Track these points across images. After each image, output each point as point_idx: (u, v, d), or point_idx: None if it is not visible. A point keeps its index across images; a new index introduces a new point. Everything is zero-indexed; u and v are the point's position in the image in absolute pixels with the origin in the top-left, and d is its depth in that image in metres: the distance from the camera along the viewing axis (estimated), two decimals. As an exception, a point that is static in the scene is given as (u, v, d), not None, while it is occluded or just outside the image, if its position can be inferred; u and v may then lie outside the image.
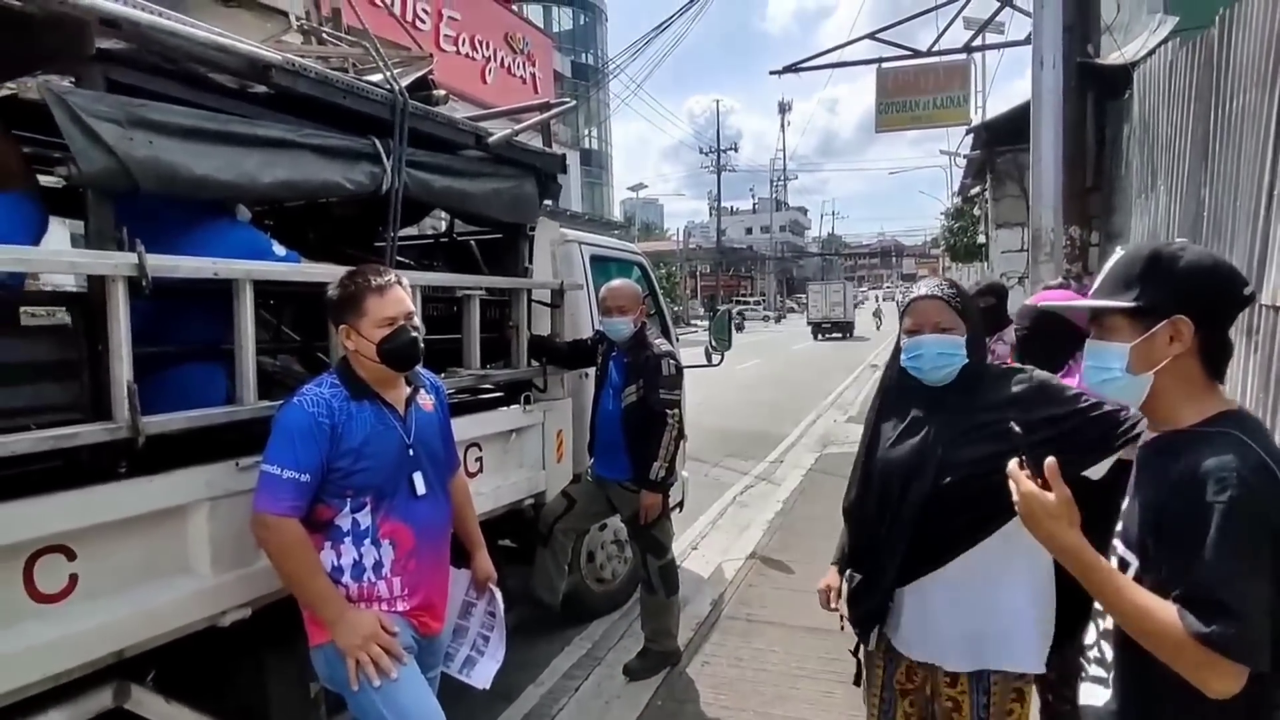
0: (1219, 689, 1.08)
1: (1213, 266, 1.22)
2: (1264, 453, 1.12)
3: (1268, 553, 1.08)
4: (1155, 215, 4.83)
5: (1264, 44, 3.28)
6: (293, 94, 2.23)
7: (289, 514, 1.78)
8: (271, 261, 2.24)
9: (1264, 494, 1.08)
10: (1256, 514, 1.07)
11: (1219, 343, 1.21)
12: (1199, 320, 1.19)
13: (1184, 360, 1.20)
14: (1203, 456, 1.13)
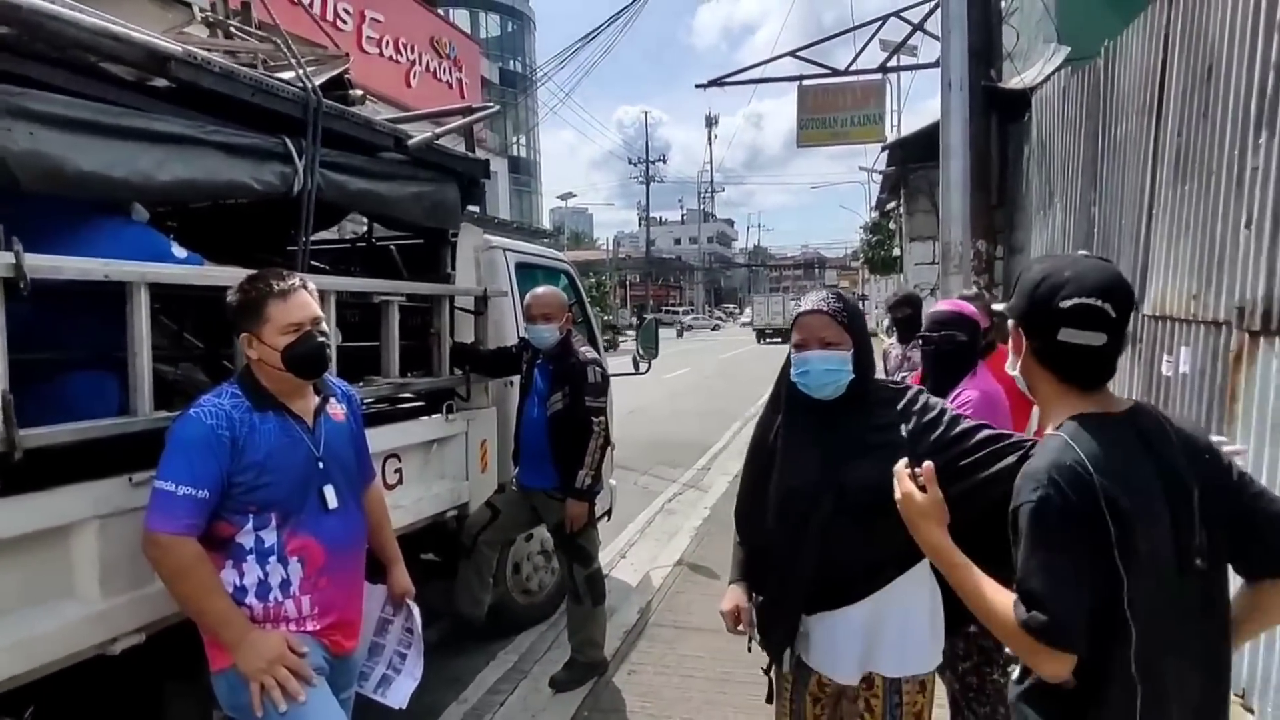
0: (1050, 672, 1.15)
1: (1035, 279, 1.28)
2: (1085, 454, 1.17)
3: (1075, 544, 1.14)
4: (1052, 231, 5.16)
5: (1143, 75, 3.56)
6: (196, 89, 2.12)
7: (185, 533, 1.68)
8: (171, 264, 2.12)
9: (1070, 491, 1.15)
10: (1061, 511, 1.14)
11: (1057, 349, 1.25)
12: (1026, 329, 1.29)
13: (1031, 364, 1.30)
14: (1034, 460, 1.23)
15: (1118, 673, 1.16)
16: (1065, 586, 1.13)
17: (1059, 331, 1.23)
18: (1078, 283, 1.23)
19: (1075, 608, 1.13)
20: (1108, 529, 1.14)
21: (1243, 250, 2.62)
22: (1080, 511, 1.14)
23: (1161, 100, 3.37)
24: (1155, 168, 3.42)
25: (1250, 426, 2.54)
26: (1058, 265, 1.28)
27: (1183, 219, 3.13)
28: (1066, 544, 1.14)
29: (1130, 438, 1.22)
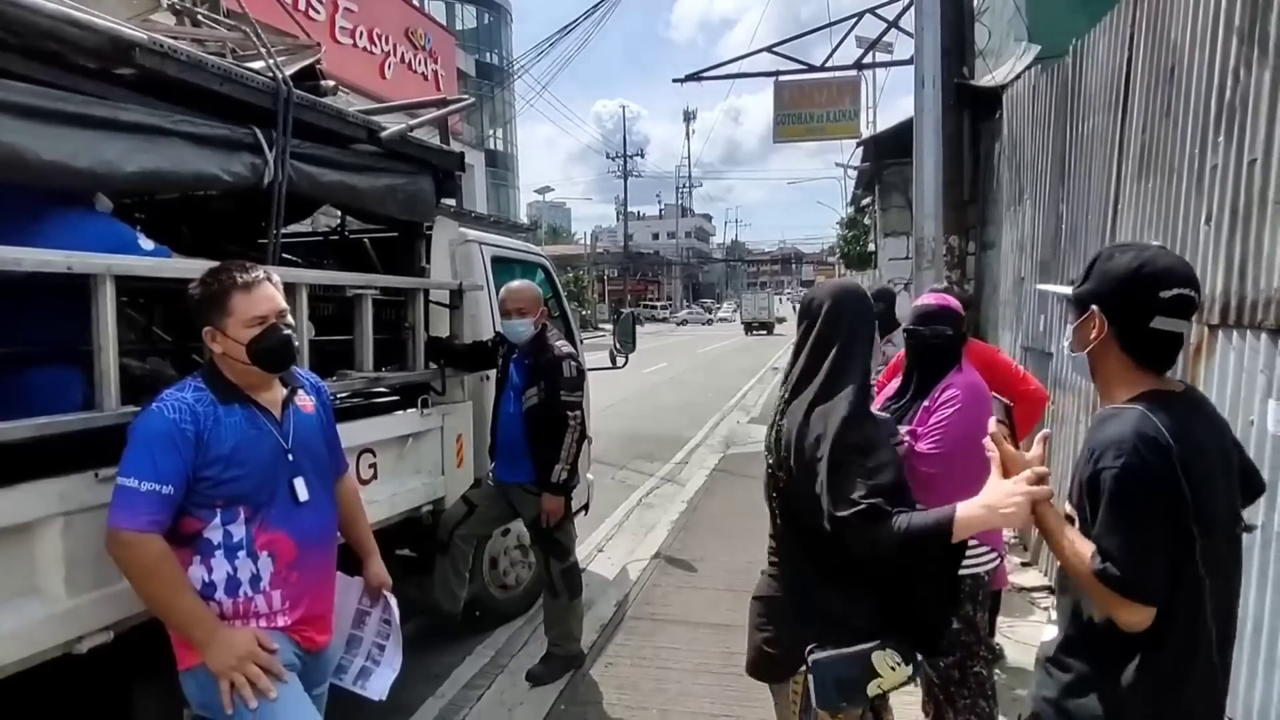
0: (1126, 620, 1.25)
1: (1130, 270, 1.33)
2: (1162, 426, 1.26)
3: (1156, 507, 1.24)
4: (1022, 227, 5.24)
5: (1109, 74, 3.63)
6: (161, 77, 2.08)
7: (148, 529, 1.65)
8: (137, 256, 2.08)
9: (1150, 460, 1.24)
10: (1143, 477, 1.23)
11: (1140, 335, 1.32)
12: (1111, 315, 1.34)
13: (1108, 346, 1.36)
14: (1110, 428, 1.30)
15: (1193, 622, 1.26)
16: (1141, 544, 1.22)
17: (1154, 319, 1.30)
18: (1173, 274, 1.30)
19: (1150, 564, 1.22)
20: (1184, 493, 1.23)
21: (1202, 245, 2.68)
22: (1160, 476, 1.23)
23: (1126, 99, 3.44)
24: (1120, 165, 3.49)
25: (1209, 417, 2.61)
26: (1151, 255, 1.34)
27: (1146, 214, 3.20)
28: (1147, 505, 1.23)
29: (1193, 413, 1.33)
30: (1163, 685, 1.27)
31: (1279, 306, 2.23)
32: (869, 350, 1.75)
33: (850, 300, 1.76)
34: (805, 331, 1.77)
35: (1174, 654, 1.27)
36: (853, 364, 1.70)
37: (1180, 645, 1.26)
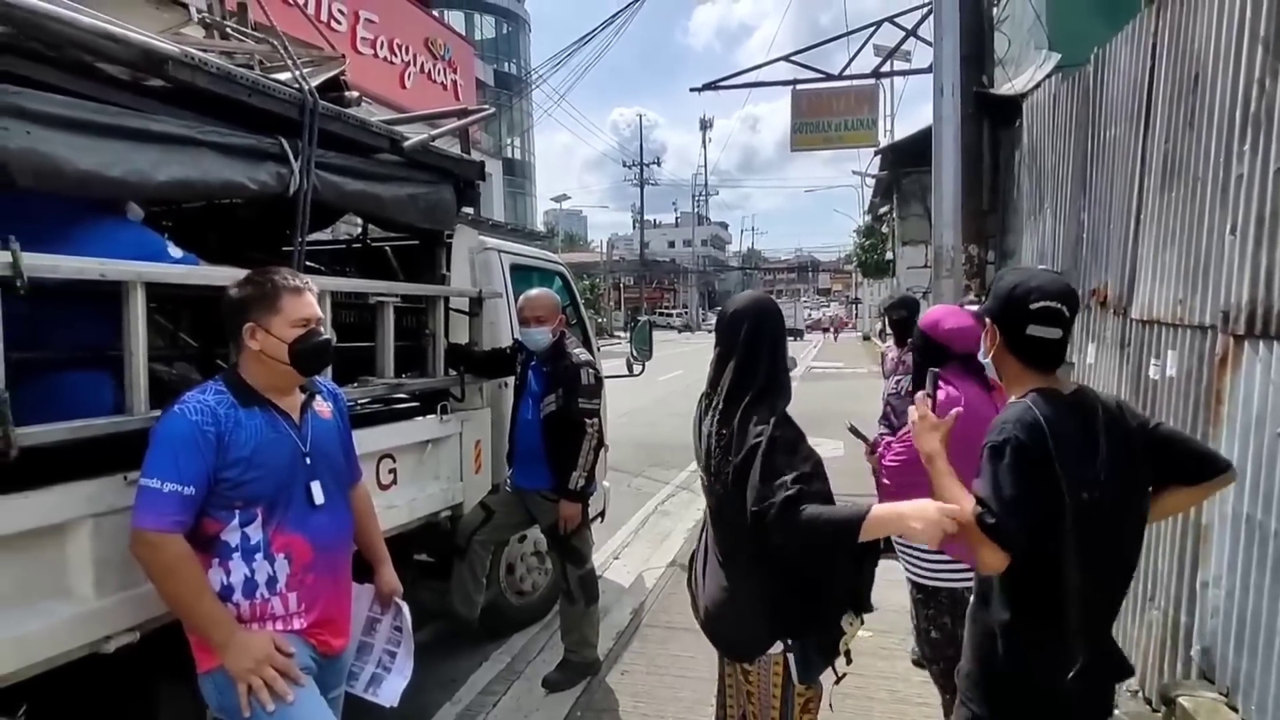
0: (988, 562, 1.50)
1: (1008, 287, 1.63)
2: (1041, 415, 1.52)
3: (1021, 473, 1.48)
4: (1042, 236, 5.20)
5: (1131, 83, 3.60)
6: (192, 89, 2.13)
7: (172, 529, 1.68)
8: (166, 264, 2.12)
9: (1024, 437, 1.49)
10: (1016, 448, 1.49)
11: (1024, 342, 1.59)
12: (999, 326, 1.64)
13: (1002, 352, 1.65)
14: (1002, 415, 1.58)
15: (1059, 570, 1.50)
16: (1011, 501, 1.46)
17: (1028, 328, 1.57)
18: (1043, 290, 1.57)
19: (1013, 516, 1.45)
20: (1054, 465, 1.48)
21: (1227, 256, 2.65)
22: (1031, 449, 1.48)
23: (1149, 108, 3.41)
24: (1143, 174, 3.46)
25: (1235, 428, 2.57)
26: (1027, 276, 1.63)
27: (1169, 225, 3.17)
28: (1016, 472, 1.48)
29: (1074, 407, 1.58)
30: (1032, 619, 1.55)
31: (1306, 317, 2.20)
32: (785, 353, 1.99)
33: (769, 313, 1.99)
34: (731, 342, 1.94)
35: (1042, 594, 1.52)
36: (780, 370, 1.92)
37: (1048, 587, 1.51)
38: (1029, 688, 1.57)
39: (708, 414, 1.96)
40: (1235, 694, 2.51)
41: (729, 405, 1.88)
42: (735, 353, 1.92)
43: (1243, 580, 2.48)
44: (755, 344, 1.91)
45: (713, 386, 1.96)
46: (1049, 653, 1.53)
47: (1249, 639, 2.43)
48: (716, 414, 1.91)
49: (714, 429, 1.90)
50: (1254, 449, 2.46)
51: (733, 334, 1.94)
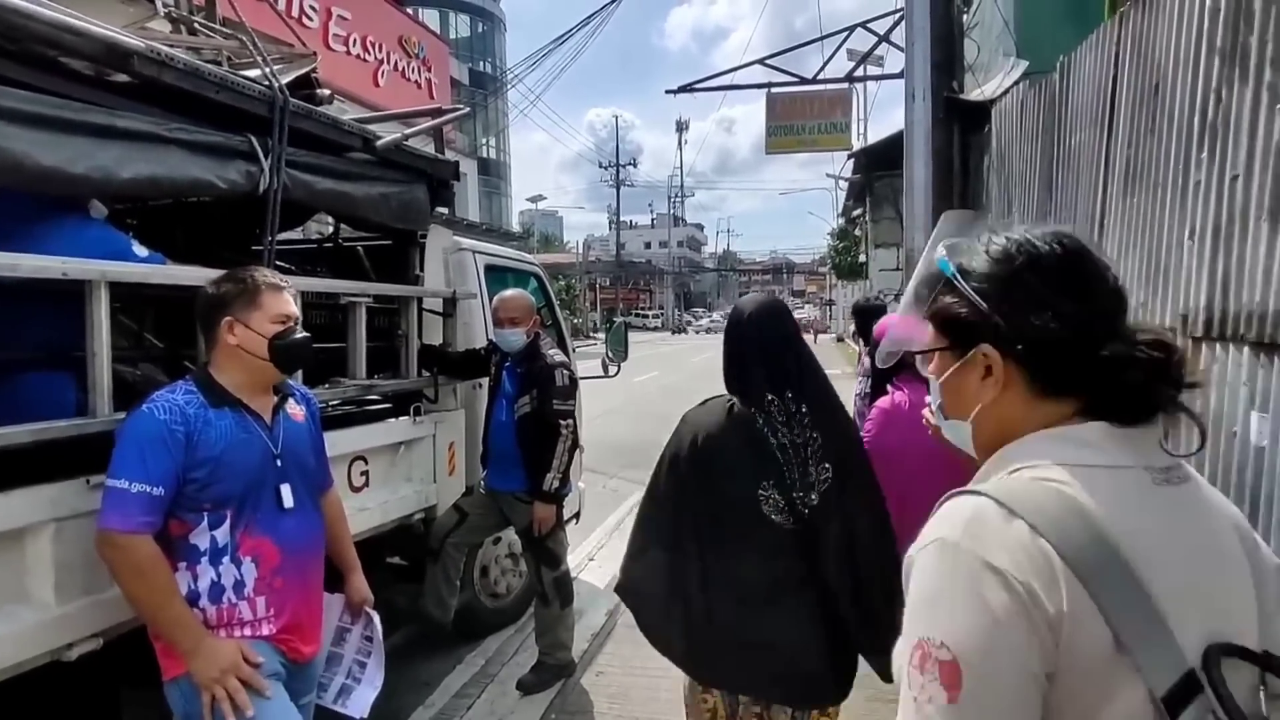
0: None
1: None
2: None
3: None
4: (1011, 239, 5.30)
5: (1095, 90, 3.69)
6: (158, 85, 2.09)
7: (140, 530, 1.65)
8: (131, 263, 2.08)
9: None
10: None
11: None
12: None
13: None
14: None
15: None
16: None
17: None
18: None
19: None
20: None
21: (1186, 260, 2.73)
22: None
23: (1112, 114, 3.49)
24: (1106, 179, 3.55)
25: (1193, 429, 2.64)
26: None
27: (1132, 229, 3.25)
28: None
29: None
30: None
31: (1260, 321, 2.27)
32: None
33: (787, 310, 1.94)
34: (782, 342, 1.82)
35: None
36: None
37: None
38: None
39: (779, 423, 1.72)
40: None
41: (820, 410, 1.74)
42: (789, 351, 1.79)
43: (1201, 575, 2.55)
44: (799, 342, 1.83)
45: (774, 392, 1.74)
46: None
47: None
48: (802, 420, 1.72)
49: (805, 437, 1.72)
50: (1210, 450, 2.53)
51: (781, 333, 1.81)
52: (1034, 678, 0.70)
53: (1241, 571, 0.79)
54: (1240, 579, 0.79)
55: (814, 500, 1.70)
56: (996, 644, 0.70)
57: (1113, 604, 0.70)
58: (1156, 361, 0.80)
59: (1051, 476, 0.76)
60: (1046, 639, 0.70)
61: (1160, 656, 0.69)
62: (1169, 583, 0.72)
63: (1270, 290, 2.23)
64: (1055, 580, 0.70)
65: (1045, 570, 0.71)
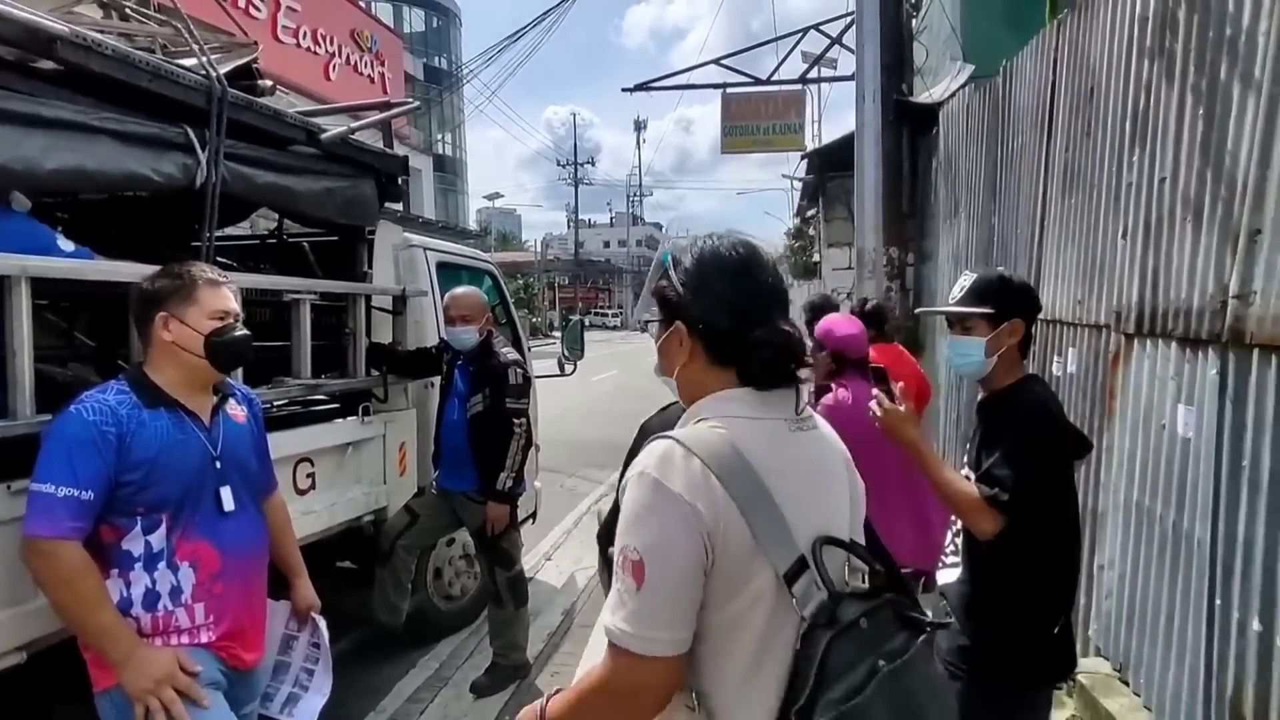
0: (984, 529, 1.69)
1: (1028, 287, 1.93)
2: (1048, 396, 1.85)
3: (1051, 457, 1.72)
4: (957, 239, 5.44)
5: (1036, 94, 3.81)
6: (85, 72, 2.00)
7: (68, 536, 1.57)
8: (56, 257, 1.99)
9: (1049, 420, 1.75)
10: (1043, 427, 1.72)
11: (1029, 334, 1.86)
12: (1026, 320, 1.83)
13: (1012, 346, 1.82)
14: (1020, 397, 1.79)
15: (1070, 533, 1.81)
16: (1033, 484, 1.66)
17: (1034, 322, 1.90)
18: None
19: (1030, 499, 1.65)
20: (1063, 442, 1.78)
21: (1119, 259, 2.84)
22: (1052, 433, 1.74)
23: (1051, 118, 3.61)
24: (1046, 181, 3.66)
25: (1126, 421, 2.75)
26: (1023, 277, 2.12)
27: (1069, 229, 3.37)
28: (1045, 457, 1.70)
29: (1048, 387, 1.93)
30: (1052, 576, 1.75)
31: (1186, 317, 2.37)
32: None
33: None
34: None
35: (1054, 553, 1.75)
36: None
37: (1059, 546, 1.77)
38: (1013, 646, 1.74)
39: None
40: (1126, 669, 2.68)
41: None
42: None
43: (1133, 563, 2.66)
44: None
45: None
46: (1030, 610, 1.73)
47: (1137, 617, 2.60)
48: None
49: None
50: (1142, 440, 2.64)
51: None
52: (697, 570, 0.99)
53: (842, 490, 1.14)
54: (840, 495, 1.13)
55: None
56: (670, 548, 0.98)
57: (753, 513, 0.99)
58: (782, 345, 1.07)
59: (718, 426, 1.05)
60: (706, 542, 0.98)
61: (782, 547, 1.00)
62: (792, 496, 1.03)
63: (1195, 288, 2.33)
64: (715, 500, 0.98)
65: (707, 493, 0.99)
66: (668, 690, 1.02)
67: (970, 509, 1.70)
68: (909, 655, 1.02)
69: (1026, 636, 1.74)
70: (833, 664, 0.96)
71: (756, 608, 1.00)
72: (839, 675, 0.95)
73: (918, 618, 1.07)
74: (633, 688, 1.00)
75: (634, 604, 0.98)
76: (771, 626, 1.00)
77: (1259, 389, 2.03)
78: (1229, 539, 2.13)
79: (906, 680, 0.99)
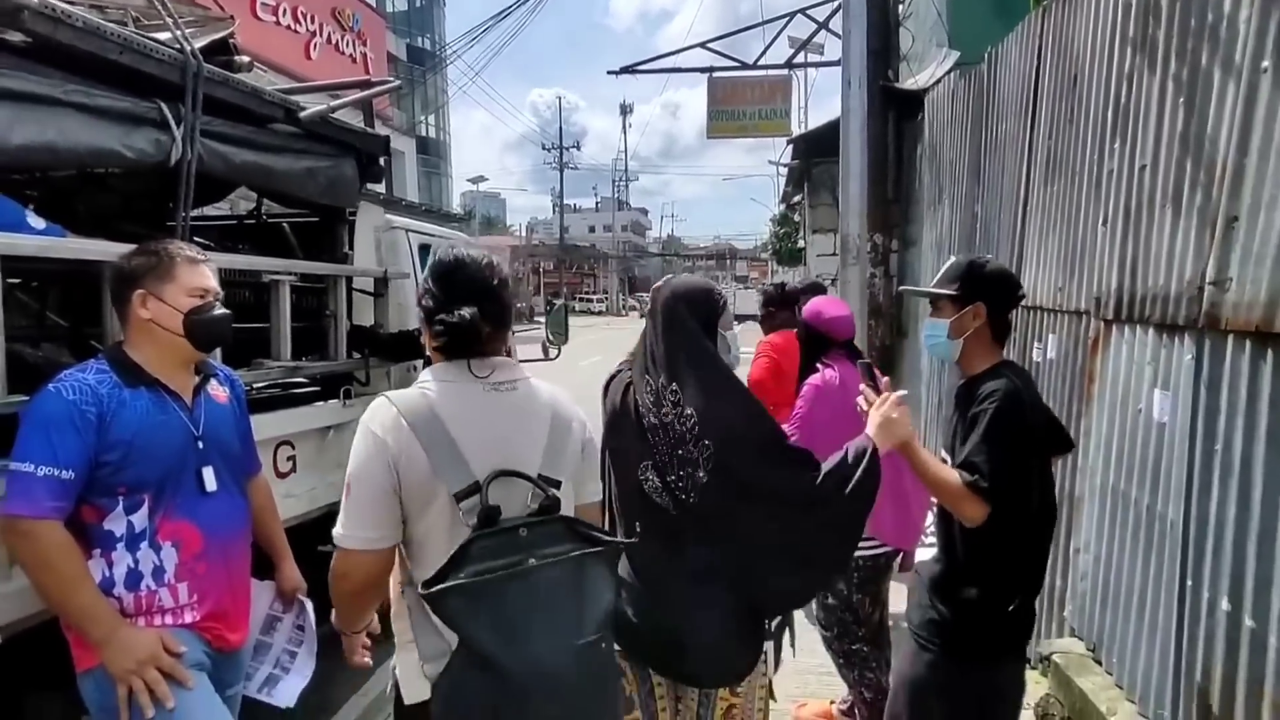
0: (971, 515, 1.72)
1: (1001, 275, 1.93)
2: (1019, 384, 1.80)
3: (1018, 442, 1.73)
4: (941, 226, 5.46)
5: (1020, 81, 3.82)
6: (52, 44, 1.95)
7: (48, 516, 1.55)
8: (25, 234, 1.94)
9: (1012, 407, 1.74)
10: (1009, 420, 1.73)
11: (1002, 322, 1.89)
12: (990, 306, 1.84)
13: (981, 331, 1.85)
14: (984, 385, 1.80)
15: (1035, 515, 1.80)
16: (1004, 468, 1.70)
17: (1010, 311, 1.92)
18: (1018, 281, 1.98)
19: (1004, 477, 1.69)
20: (1029, 431, 1.77)
21: (1099, 246, 2.86)
22: (1016, 419, 1.74)
23: (1035, 105, 3.62)
24: (1029, 168, 3.68)
25: (1104, 406, 2.79)
26: (1003, 266, 2.08)
27: (1051, 216, 3.39)
28: (1010, 440, 1.72)
29: (1028, 380, 1.92)
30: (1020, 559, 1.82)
31: (1163, 303, 2.40)
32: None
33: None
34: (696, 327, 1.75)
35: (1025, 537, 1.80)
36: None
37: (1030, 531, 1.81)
38: (983, 622, 1.80)
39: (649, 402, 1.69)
40: (1100, 649, 2.74)
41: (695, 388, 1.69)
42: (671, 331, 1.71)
43: (1108, 545, 2.71)
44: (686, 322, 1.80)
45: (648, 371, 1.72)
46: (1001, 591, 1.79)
47: (1111, 598, 2.65)
48: (672, 399, 1.67)
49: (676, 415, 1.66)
50: (1119, 425, 2.67)
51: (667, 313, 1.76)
52: (388, 487, 1.37)
53: (536, 436, 1.47)
54: (531, 440, 1.47)
55: (701, 479, 1.61)
56: (367, 472, 1.38)
57: (432, 449, 1.37)
58: (455, 327, 1.41)
59: (424, 387, 1.44)
60: (392, 468, 1.36)
61: (456, 474, 1.37)
62: (474, 438, 1.40)
63: (1172, 274, 2.35)
64: (401, 437, 1.37)
65: (396, 432, 1.37)
66: (369, 575, 1.43)
67: (957, 497, 1.73)
68: (566, 557, 1.37)
69: (985, 614, 1.80)
70: (473, 554, 1.30)
71: (440, 520, 1.38)
72: (473, 562, 1.29)
73: (593, 534, 1.44)
74: (344, 571, 1.43)
75: (344, 513, 1.39)
76: (454, 535, 1.35)
77: (1232, 374, 2.06)
78: (1201, 521, 2.18)
79: (556, 574, 1.35)
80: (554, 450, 1.47)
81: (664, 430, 1.64)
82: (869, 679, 2.67)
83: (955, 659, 1.82)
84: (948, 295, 1.87)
